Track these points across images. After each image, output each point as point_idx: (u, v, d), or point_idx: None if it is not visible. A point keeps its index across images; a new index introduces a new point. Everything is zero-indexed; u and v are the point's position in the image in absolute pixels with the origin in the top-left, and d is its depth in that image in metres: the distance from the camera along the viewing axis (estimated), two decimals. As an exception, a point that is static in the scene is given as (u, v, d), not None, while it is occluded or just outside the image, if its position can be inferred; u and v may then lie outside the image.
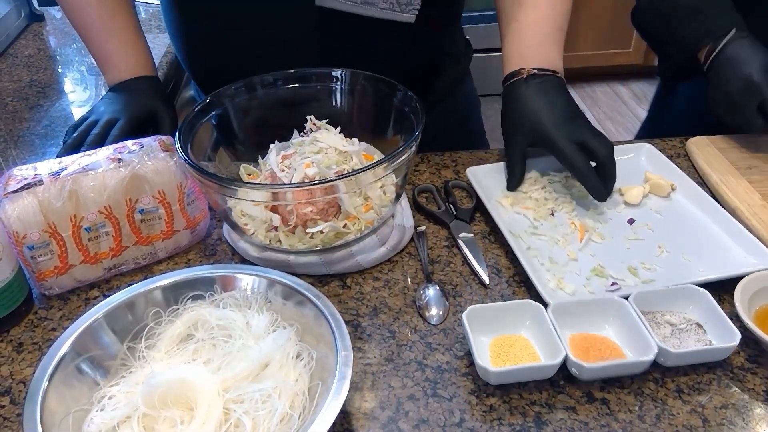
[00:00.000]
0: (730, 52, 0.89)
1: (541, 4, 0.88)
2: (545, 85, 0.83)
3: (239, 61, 0.89)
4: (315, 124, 0.81)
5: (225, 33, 0.89)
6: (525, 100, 0.83)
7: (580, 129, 0.80)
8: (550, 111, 0.81)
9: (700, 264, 0.74)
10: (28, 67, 1.28)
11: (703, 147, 0.93)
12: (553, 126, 0.80)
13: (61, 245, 0.69)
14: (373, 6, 0.81)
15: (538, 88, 0.83)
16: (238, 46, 0.89)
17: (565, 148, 0.78)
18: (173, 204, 0.74)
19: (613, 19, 3.08)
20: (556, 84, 0.84)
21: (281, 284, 0.64)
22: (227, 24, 0.88)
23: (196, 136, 0.76)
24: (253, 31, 0.87)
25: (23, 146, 1.03)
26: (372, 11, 0.82)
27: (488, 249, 0.79)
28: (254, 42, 0.88)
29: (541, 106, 0.81)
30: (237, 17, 0.86)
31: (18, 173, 0.69)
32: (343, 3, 0.81)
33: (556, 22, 0.89)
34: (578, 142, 0.79)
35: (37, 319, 0.71)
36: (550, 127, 0.80)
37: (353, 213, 0.72)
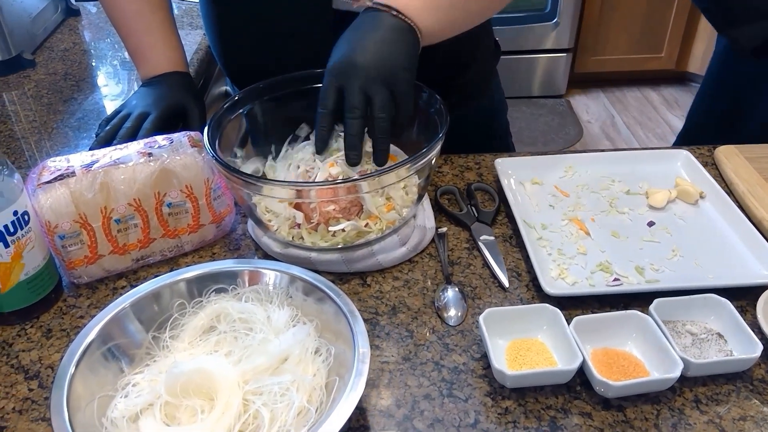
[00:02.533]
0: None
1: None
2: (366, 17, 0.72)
3: (268, 57, 0.91)
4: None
5: (255, 29, 0.90)
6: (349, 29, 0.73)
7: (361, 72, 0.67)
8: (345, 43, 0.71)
9: (710, 271, 0.73)
10: (63, 60, 1.31)
11: (732, 156, 0.92)
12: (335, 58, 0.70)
13: (91, 235, 0.71)
14: None
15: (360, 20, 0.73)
16: (266, 42, 0.91)
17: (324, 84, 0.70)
18: (200, 198, 0.75)
19: (645, 23, 3.04)
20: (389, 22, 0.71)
21: (302, 280, 0.65)
22: (256, 20, 0.89)
23: (223, 133, 0.78)
24: (278, 28, 0.88)
25: (57, 138, 1.06)
26: None
27: (509, 252, 0.79)
28: (280, 39, 0.89)
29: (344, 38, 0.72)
30: (264, 14, 0.88)
31: (51, 164, 0.71)
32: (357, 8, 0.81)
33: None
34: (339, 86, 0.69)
35: (66, 307, 0.73)
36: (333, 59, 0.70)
37: (375, 213, 0.73)
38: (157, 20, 0.96)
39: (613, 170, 0.90)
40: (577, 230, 0.80)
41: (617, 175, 0.89)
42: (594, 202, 0.85)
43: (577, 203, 0.85)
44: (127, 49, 0.99)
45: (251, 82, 0.84)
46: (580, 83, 3.26)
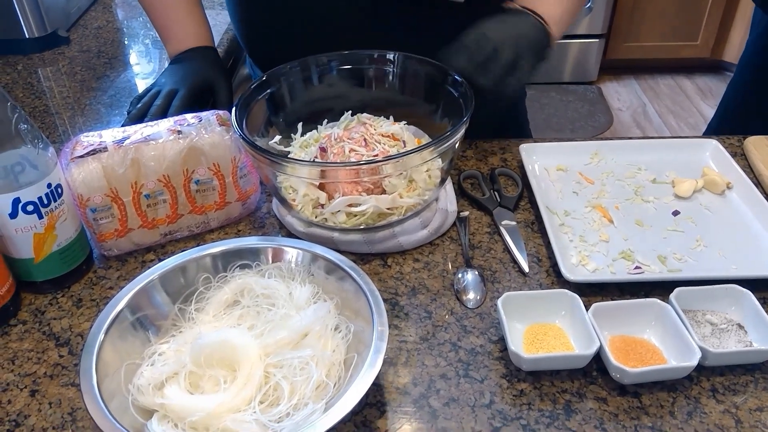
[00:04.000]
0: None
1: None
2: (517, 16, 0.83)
3: (295, 42, 0.92)
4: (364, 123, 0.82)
5: (282, 13, 0.91)
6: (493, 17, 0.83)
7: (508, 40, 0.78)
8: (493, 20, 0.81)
9: (734, 261, 0.73)
10: (96, 38, 1.34)
11: (762, 147, 0.91)
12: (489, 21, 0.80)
13: (121, 210, 0.73)
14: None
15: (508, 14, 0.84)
16: (294, 26, 0.91)
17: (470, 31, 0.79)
18: (227, 176, 0.77)
19: (681, 10, 2.98)
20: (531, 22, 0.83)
21: (324, 259, 0.67)
22: (287, 6, 0.90)
23: (251, 113, 0.79)
24: (309, 12, 0.89)
25: (89, 114, 1.08)
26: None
27: (530, 238, 0.79)
28: (310, 23, 0.90)
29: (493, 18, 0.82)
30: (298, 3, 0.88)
31: (84, 139, 0.73)
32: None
33: None
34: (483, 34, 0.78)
35: (96, 278, 0.76)
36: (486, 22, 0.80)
37: (397, 195, 0.73)
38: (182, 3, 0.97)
39: (640, 158, 0.89)
40: (601, 218, 0.80)
41: (644, 164, 0.89)
42: (619, 190, 0.85)
43: (601, 190, 0.85)
44: (154, 26, 1.01)
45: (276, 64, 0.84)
46: (612, 70, 3.20)
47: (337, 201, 0.72)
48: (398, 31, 0.88)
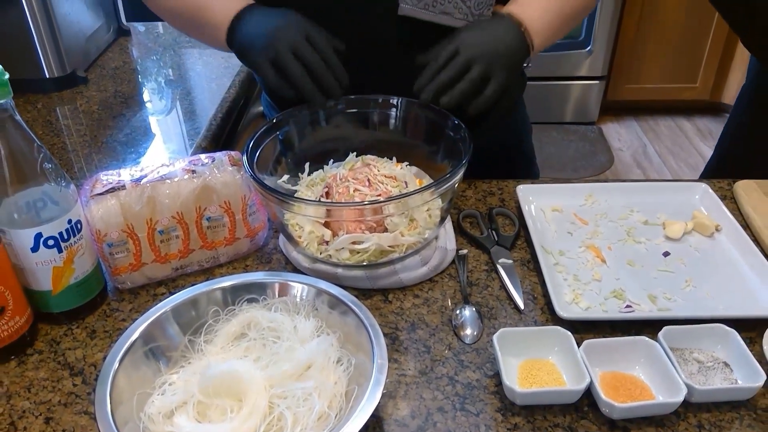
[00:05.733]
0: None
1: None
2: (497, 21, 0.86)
3: None
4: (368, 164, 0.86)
5: None
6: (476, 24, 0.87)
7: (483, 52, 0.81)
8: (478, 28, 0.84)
9: (722, 301, 0.76)
10: (113, 78, 1.40)
11: (751, 191, 0.94)
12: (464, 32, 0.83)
13: (136, 244, 0.77)
14: (450, 16, 0.87)
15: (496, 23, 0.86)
16: None
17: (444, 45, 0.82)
18: (237, 214, 0.81)
19: (680, 53, 3.05)
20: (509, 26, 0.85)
21: (328, 294, 0.70)
22: None
23: (261, 153, 0.83)
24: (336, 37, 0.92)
25: (106, 152, 1.13)
26: (449, 20, 0.88)
27: (526, 276, 0.82)
28: None
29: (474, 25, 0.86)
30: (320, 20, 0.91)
31: (104, 178, 0.77)
32: (424, 12, 0.87)
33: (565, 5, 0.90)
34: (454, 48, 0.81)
35: (110, 310, 0.79)
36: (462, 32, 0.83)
37: (399, 233, 0.77)
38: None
39: (633, 200, 0.93)
40: (594, 257, 0.83)
41: (636, 206, 0.92)
42: (612, 231, 0.88)
43: (595, 231, 0.88)
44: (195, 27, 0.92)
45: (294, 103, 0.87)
46: (612, 111, 3.27)
47: (342, 238, 0.76)
48: None
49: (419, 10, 0.86)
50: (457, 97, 0.80)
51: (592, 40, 2.95)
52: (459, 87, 0.80)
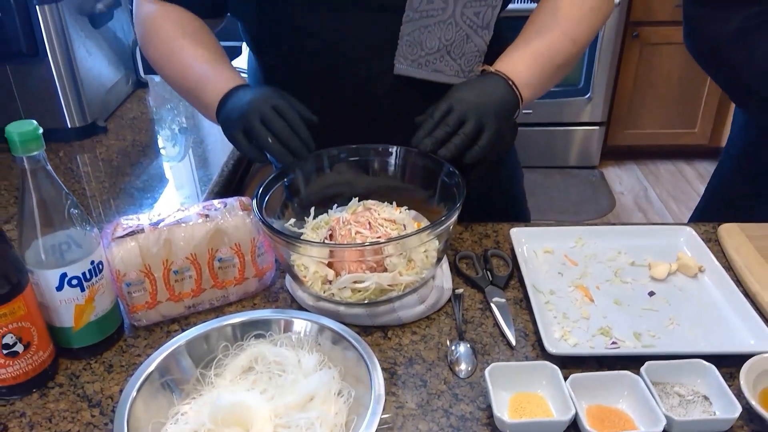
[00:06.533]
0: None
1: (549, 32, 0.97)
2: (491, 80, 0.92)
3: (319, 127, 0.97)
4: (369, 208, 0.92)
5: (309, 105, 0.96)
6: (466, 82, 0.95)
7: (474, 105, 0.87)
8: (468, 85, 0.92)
9: (703, 338, 0.80)
10: (131, 128, 1.48)
11: (734, 234, 0.99)
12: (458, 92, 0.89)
13: (152, 284, 0.82)
14: (442, 73, 0.95)
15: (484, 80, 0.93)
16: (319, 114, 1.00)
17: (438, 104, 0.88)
18: (246, 255, 0.86)
19: (679, 99, 3.13)
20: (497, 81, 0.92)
21: (330, 330, 0.75)
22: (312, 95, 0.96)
23: (269, 198, 0.89)
24: (334, 92, 1.00)
25: (123, 198, 1.20)
26: (441, 77, 0.96)
27: (518, 314, 0.87)
28: (334, 102, 1.00)
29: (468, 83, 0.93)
30: (322, 79, 0.99)
31: (124, 222, 0.83)
32: (418, 71, 0.95)
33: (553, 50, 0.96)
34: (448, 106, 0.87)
35: (126, 346, 0.84)
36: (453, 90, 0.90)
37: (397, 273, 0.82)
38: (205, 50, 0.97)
39: (620, 243, 0.98)
40: (582, 297, 0.88)
41: (623, 248, 0.97)
42: (600, 272, 0.93)
43: (584, 272, 0.93)
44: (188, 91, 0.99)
45: None
46: (613, 155, 3.34)
47: (344, 278, 0.81)
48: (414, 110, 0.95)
49: (414, 69, 0.94)
50: (453, 150, 0.86)
51: (592, 87, 3.04)
52: (455, 141, 0.86)
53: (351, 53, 0.96)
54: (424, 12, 0.92)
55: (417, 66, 0.94)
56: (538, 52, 0.95)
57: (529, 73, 0.93)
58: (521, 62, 0.94)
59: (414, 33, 0.93)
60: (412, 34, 0.93)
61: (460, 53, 0.95)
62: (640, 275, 0.92)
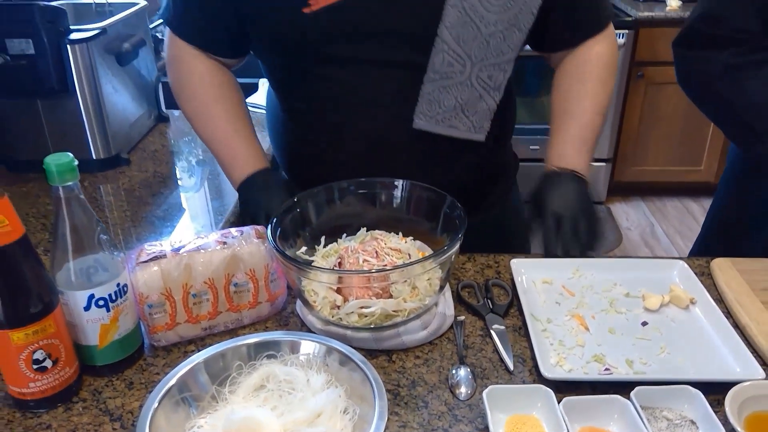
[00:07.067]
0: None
1: (583, 115, 1.12)
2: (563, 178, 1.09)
3: (336, 168, 1.09)
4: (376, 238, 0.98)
5: (329, 147, 1.10)
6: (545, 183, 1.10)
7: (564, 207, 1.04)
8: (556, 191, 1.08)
9: (693, 366, 0.84)
10: (153, 160, 1.55)
11: (725, 268, 1.03)
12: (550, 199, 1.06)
13: (172, 306, 0.88)
14: (456, 129, 1.05)
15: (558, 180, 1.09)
16: (337, 156, 1.10)
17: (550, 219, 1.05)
18: (260, 280, 0.92)
19: (684, 137, 3.20)
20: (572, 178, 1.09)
21: (338, 352, 0.80)
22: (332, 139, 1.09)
23: (283, 227, 0.95)
24: (353, 138, 1.08)
25: (145, 226, 1.26)
26: (456, 132, 1.06)
27: (517, 341, 0.91)
28: (353, 154, 1.09)
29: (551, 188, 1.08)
30: (342, 125, 1.08)
31: (148, 248, 0.89)
32: (435, 126, 1.04)
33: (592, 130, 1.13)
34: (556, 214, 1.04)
35: (146, 365, 0.89)
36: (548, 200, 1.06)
37: (402, 299, 0.87)
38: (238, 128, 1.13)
39: (616, 275, 1.03)
40: (578, 325, 0.92)
41: (619, 280, 1.02)
42: (596, 302, 0.97)
43: (580, 302, 0.97)
44: (216, 156, 1.16)
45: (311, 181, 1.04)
46: (620, 191, 3.39)
47: (351, 303, 0.86)
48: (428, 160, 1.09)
49: (431, 124, 1.03)
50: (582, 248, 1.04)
51: (598, 125, 3.10)
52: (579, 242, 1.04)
53: (371, 104, 1.05)
54: (444, 74, 1.00)
55: (435, 122, 1.03)
56: (582, 138, 1.12)
57: (583, 160, 1.11)
58: (574, 153, 1.11)
59: (434, 92, 1.02)
60: (432, 93, 1.02)
61: (473, 111, 1.05)
62: (634, 306, 0.96)
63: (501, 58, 1.02)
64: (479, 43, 0.99)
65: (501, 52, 1.01)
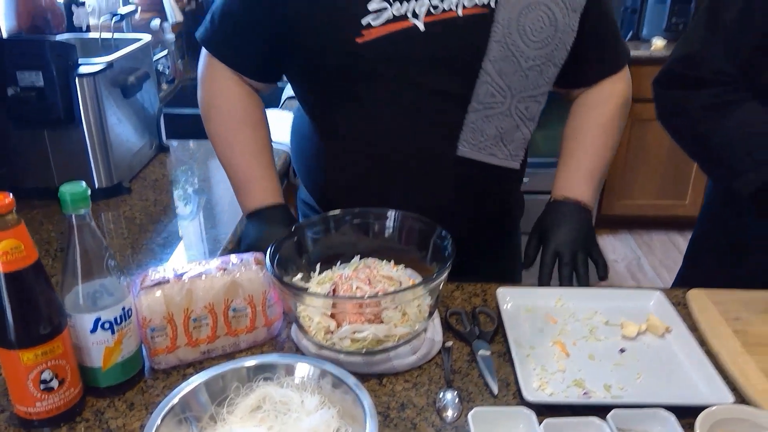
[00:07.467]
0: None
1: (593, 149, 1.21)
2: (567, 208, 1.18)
3: (372, 194, 1.15)
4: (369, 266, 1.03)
5: (368, 173, 1.16)
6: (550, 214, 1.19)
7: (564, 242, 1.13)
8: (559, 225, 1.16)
9: (667, 391, 0.89)
10: (153, 189, 1.61)
11: (700, 299, 1.09)
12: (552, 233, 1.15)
13: (173, 330, 0.92)
14: (495, 156, 1.14)
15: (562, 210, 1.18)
16: (376, 182, 1.16)
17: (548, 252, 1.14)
18: (257, 306, 0.96)
19: (669, 172, 3.28)
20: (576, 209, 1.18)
21: (331, 375, 0.84)
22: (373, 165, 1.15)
23: (280, 255, 1.00)
24: (395, 172, 1.14)
25: (145, 253, 1.31)
26: (494, 160, 1.14)
27: (501, 366, 0.96)
28: (393, 180, 1.15)
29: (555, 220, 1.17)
30: (385, 160, 1.14)
31: (152, 274, 0.94)
32: (477, 154, 1.12)
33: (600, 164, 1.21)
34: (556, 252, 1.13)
35: (146, 387, 0.93)
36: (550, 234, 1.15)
37: (393, 325, 0.92)
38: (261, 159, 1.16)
39: (596, 304, 1.08)
40: (560, 351, 0.97)
41: (599, 308, 1.07)
42: (577, 329, 1.02)
43: (563, 329, 1.02)
44: (232, 181, 1.18)
45: None
46: (608, 224, 3.46)
47: (345, 329, 0.91)
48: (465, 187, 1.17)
49: (474, 152, 1.12)
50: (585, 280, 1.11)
51: (586, 159, 3.19)
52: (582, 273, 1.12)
53: (416, 131, 1.11)
54: (487, 104, 1.09)
55: (477, 150, 1.11)
56: (590, 170, 1.20)
57: (590, 191, 1.20)
58: (581, 184, 1.19)
59: (477, 122, 1.10)
60: (476, 122, 1.10)
61: (510, 140, 1.13)
62: (613, 334, 1.01)
63: (537, 90, 1.10)
64: (519, 76, 1.07)
65: (537, 85, 1.10)
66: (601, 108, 1.22)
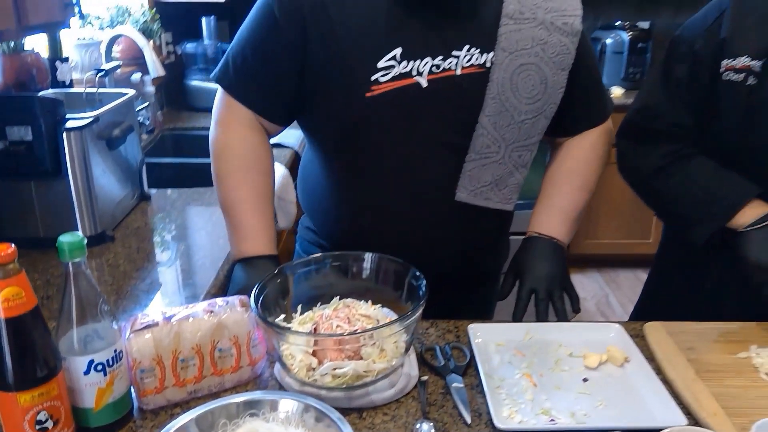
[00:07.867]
0: None
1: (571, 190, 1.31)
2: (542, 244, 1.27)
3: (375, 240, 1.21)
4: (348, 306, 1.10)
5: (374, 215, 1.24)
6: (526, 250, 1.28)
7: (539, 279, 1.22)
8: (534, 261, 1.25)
9: (626, 416, 0.96)
10: (136, 236, 1.65)
11: (656, 330, 1.17)
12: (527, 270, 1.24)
13: (162, 371, 0.97)
14: (491, 200, 1.23)
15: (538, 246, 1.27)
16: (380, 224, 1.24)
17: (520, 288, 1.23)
18: (242, 346, 1.02)
19: (634, 211, 3.42)
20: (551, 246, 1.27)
21: (314, 409, 0.89)
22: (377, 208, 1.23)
23: (264, 297, 1.06)
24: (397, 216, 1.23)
25: (130, 299, 1.35)
26: (490, 204, 1.23)
27: (474, 397, 1.02)
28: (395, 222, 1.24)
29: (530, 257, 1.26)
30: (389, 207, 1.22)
31: (141, 317, 0.99)
32: (474, 199, 1.21)
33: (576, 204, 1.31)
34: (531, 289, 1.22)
35: (135, 427, 0.97)
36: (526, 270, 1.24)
37: (371, 360, 0.98)
38: (261, 207, 1.22)
39: (561, 337, 1.15)
40: (528, 382, 1.04)
41: (563, 341, 1.14)
42: (543, 361, 1.09)
43: (530, 362, 1.09)
44: (228, 224, 1.23)
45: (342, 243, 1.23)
46: (577, 263, 3.57)
47: (326, 365, 0.97)
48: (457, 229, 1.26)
49: (471, 197, 1.21)
50: (562, 314, 1.19)
51: (553, 201, 3.31)
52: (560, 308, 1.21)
53: (418, 178, 1.21)
54: (483, 154, 1.19)
55: (474, 195, 1.21)
56: (565, 209, 1.30)
57: (566, 229, 1.29)
58: (557, 222, 1.29)
59: (474, 170, 1.20)
60: (473, 170, 1.20)
61: (504, 185, 1.23)
62: (576, 364, 1.08)
63: (530, 140, 1.20)
64: (513, 128, 1.18)
65: (530, 135, 1.20)
66: (582, 156, 1.32)
